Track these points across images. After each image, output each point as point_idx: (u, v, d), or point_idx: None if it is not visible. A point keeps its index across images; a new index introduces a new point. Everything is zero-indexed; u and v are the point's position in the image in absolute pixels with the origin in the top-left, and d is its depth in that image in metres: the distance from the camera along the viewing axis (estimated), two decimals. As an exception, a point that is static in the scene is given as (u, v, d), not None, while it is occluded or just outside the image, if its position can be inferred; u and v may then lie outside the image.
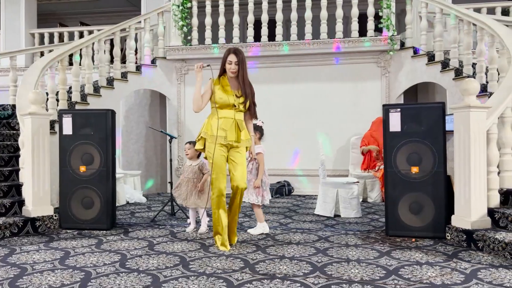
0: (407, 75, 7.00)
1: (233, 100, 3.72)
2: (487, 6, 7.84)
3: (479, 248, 3.58)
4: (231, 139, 3.70)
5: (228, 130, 3.70)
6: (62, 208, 4.59)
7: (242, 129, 3.77)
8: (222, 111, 3.73)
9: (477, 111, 3.73)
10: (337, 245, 3.84)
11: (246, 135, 3.80)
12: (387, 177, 4.18)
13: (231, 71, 3.74)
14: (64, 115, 4.58)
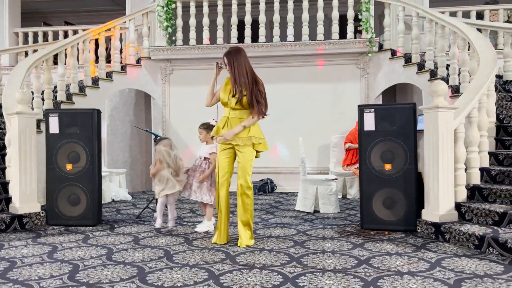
0: (385, 76, 7.26)
1: (227, 98, 3.85)
2: (462, 9, 8.16)
3: (446, 239, 3.82)
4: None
5: (222, 128, 3.86)
6: (49, 205, 4.71)
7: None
8: (224, 110, 3.94)
9: (445, 111, 3.97)
10: (314, 238, 4.05)
11: (245, 133, 3.80)
12: (362, 174, 4.41)
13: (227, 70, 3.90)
14: (50, 114, 4.70)
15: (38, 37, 9.59)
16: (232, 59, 3.83)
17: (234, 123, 3.83)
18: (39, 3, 12.10)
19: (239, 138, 3.82)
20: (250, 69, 3.85)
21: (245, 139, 3.82)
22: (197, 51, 7.62)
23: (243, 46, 7.41)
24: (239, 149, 3.84)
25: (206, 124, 4.51)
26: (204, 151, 4.50)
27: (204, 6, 7.69)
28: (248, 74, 3.82)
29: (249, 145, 3.83)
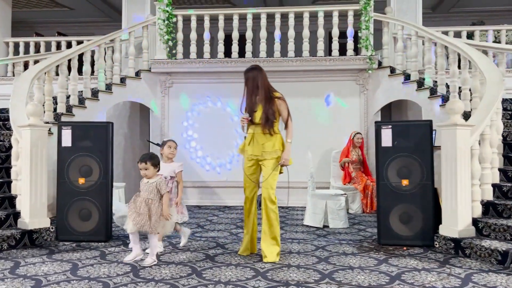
0: (384, 92, 7.41)
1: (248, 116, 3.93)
2: (454, 29, 8.43)
3: (466, 255, 3.89)
4: (251, 153, 3.91)
5: (249, 144, 3.94)
6: (59, 220, 4.57)
7: (263, 142, 3.86)
8: (250, 127, 3.98)
9: (463, 129, 4.08)
10: (336, 253, 4.06)
11: (270, 147, 3.85)
12: (379, 189, 4.46)
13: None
14: (63, 127, 4.60)
15: (30, 47, 9.38)
16: (247, 77, 3.97)
17: (260, 138, 3.88)
18: (30, 13, 11.91)
19: (265, 153, 3.87)
20: (265, 87, 3.91)
21: (271, 153, 3.87)
22: (198, 65, 7.61)
23: (245, 61, 7.49)
24: (264, 163, 3.89)
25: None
26: (168, 170, 4.17)
27: (205, 20, 7.71)
28: (262, 92, 3.89)
29: (274, 159, 3.86)
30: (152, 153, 3.91)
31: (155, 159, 3.78)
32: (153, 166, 3.75)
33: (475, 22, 10.58)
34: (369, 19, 7.33)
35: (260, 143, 3.88)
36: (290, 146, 3.92)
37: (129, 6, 8.85)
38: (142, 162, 3.75)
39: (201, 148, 7.75)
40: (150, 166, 3.73)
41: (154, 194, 3.73)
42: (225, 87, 7.73)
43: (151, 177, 3.76)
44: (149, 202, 3.70)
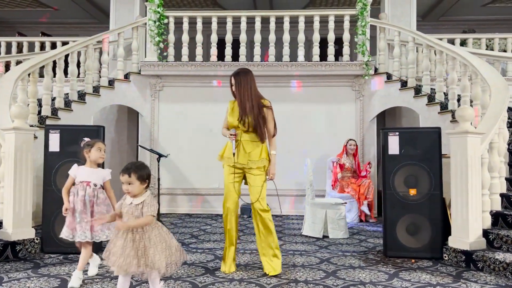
0: (380, 99, 7.28)
1: (236, 121, 3.68)
2: (447, 37, 8.37)
3: (478, 268, 3.73)
4: (237, 161, 3.64)
5: (235, 152, 3.65)
6: (44, 230, 4.26)
7: (250, 150, 3.65)
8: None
9: (474, 137, 3.93)
10: (342, 267, 3.85)
11: (256, 155, 3.65)
12: (386, 199, 4.28)
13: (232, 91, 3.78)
14: (51, 131, 4.29)
15: (12, 48, 8.99)
16: (239, 81, 3.70)
17: (247, 146, 3.67)
18: (12, 13, 11.47)
19: (251, 161, 3.65)
20: (255, 93, 3.73)
21: (257, 162, 3.66)
22: (190, 68, 7.35)
23: (238, 65, 7.26)
24: (251, 172, 3.67)
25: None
26: (96, 176, 3.38)
27: (198, 23, 7.48)
28: (253, 98, 3.69)
29: (261, 168, 3.67)
30: (140, 162, 2.80)
31: (142, 171, 2.68)
32: (139, 181, 2.64)
33: (466, 30, 10.59)
34: (365, 25, 7.20)
35: (246, 151, 3.65)
36: (275, 158, 3.77)
37: (118, 7, 8.59)
38: (125, 173, 2.65)
39: (192, 154, 7.47)
40: (135, 180, 2.63)
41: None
42: (218, 91, 7.50)
43: (136, 196, 2.68)
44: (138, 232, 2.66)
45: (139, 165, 2.71)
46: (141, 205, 2.66)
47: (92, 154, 3.40)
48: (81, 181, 3.35)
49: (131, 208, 2.67)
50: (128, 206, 2.68)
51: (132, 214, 2.66)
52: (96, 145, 3.42)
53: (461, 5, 10.73)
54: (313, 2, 10.88)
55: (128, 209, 2.68)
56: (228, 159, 3.69)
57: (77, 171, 3.38)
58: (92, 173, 3.39)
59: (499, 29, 10.66)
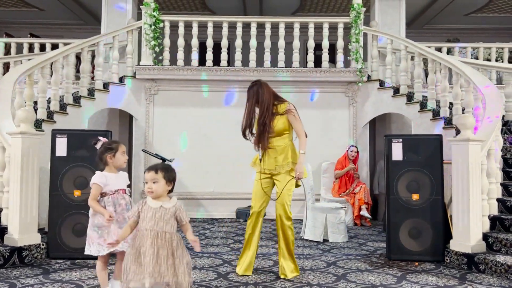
0: (373, 105, 7.45)
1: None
2: (435, 45, 8.62)
3: (480, 270, 3.89)
4: (264, 167, 3.74)
5: (262, 157, 3.77)
6: (50, 236, 4.22)
7: (274, 156, 3.70)
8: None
9: (474, 144, 4.10)
10: (350, 270, 3.95)
11: (282, 159, 3.69)
12: (390, 204, 4.41)
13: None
14: (58, 136, 4.27)
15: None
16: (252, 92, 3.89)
17: (271, 153, 3.74)
18: (0, 13, 11.24)
19: (279, 166, 3.70)
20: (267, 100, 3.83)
21: (284, 166, 3.70)
22: (186, 72, 7.37)
23: (235, 70, 7.34)
24: (277, 177, 3.73)
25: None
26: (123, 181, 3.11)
27: (193, 27, 7.50)
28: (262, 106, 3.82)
29: (287, 172, 3.70)
30: (167, 164, 2.71)
31: (170, 172, 2.58)
32: (165, 180, 2.52)
33: (451, 39, 10.92)
34: (359, 32, 7.37)
35: (272, 156, 3.72)
36: (303, 158, 3.74)
37: (109, 9, 8.52)
38: (151, 170, 2.53)
39: (187, 158, 7.48)
40: (161, 178, 2.51)
41: (172, 225, 2.55)
42: (213, 95, 7.54)
43: (160, 197, 2.54)
44: (167, 239, 2.50)
45: (166, 166, 2.63)
46: (173, 209, 2.54)
47: (117, 159, 3.07)
48: (116, 190, 3.01)
49: (160, 212, 2.51)
50: (154, 209, 2.51)
51: (161, 218, 2.51)
52: (120, 148, 3.11)
53: (445, 14, 11.06)
54: (302, 8, 11.05)
55: (155, 212, 2.51)
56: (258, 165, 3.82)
57: (106, 179, 3.00)
58: (120, 179, 3.08)
59: (481, 38, 11.03)
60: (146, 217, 2.52)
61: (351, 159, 6.98)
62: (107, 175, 3.02)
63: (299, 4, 10.74)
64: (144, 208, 2.55)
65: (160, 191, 2.52)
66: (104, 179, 2.99)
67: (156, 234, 2.50)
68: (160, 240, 2.51)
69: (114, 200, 2.98)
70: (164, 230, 2.51)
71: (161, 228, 2.50)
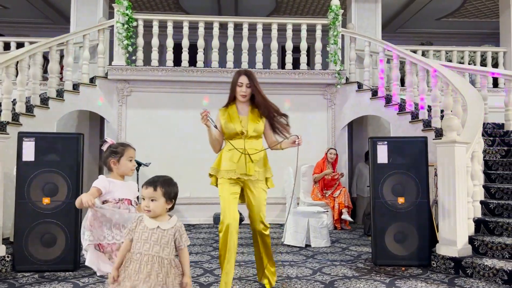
0: (352, 107, 7.39)
1: (240, 127, 3.29)
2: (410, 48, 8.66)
3: (468, 274, 3.82)
4: (241, 172, 3.21)
5: (237, 162, 3.23)
6: (16, 247, 3.90)
7: (256, 160, 3.25)
8: (232, 142, 3.30)
9: (460, 146, 4.04)
10: (337, 277, 3.82)
11: (260, 165, 3.29)
12: (375, 208, 4.31)
13: (241, 94, 3.33)
14: (24, 139, 3.96)
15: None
16: (254, 79, 3.38)
17: (254, 155, 3.26)
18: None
19: (257, 172, 3.26)
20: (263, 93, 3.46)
21: (261, 173, 3.29)
22: (161, 73, 7.12)
23: (211, 71, 7.15)
24: (252, 184, 3.26)
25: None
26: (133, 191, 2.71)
27: (168, 27, 7.26)
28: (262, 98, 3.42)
29: (263, 180, 3.32)
30: (168, 177, 2.29)
31: (171, 187, 2.23)
32: (164, 198, 2.19)
33: (424, 42, 11.05)
34: (337, 34, 7.31)
35: (253, 160, 3.24)
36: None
37: (79, 7, 8.15)
38: (149, 186, 2.20)
39: (161, 162, 7.21)
40: (160, 196, 2.18)
41: (170, 251, 2.21)
42: (189, 97, 7.31)
43: (158, 216, 2.22)
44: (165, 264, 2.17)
45: (167, 180, 2.24)
46: (172, 231, 2.19)
47: (122, 165, 2.63)
48: (120, 199, 2.58)
49: (157, 233, 2.17)
50: (150, 231, 2.17)
51: (157, 242, 2.16)
52: (126, 153, 2.66)
53: (418, 18, 11.19)
54: (278, 10, 10.95)
55: (151, 234, 2.17)
56: (228, 171, 3.24)
57: (109, 185, 2.57)
58: (126, 189, 2.64)
59: (452, 42, 11.21)
60: (140, 238, 2.18)
61: (331, 162, 6.89)
62: (112, 181, 2.59)
63: (275, 5, 10.64)
64: (139, 228, 2.20)
65: (158, 211, 2.19)
66: (107, 184, 2.56)
67: (151, 259, 2.15)
68: (155, 266, 2.14)
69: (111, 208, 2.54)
70: (161, 256, 2.16)
71: (157, 253, 2.16)
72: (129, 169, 2.67)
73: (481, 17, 11.15)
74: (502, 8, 8.83)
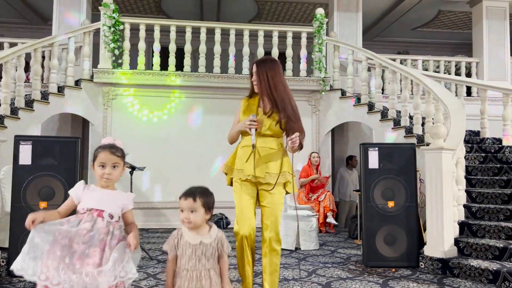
0: (335, 114, 7.59)
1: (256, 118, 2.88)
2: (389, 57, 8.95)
3: (455, 274, 4.03)
4: (251, 173, 2.85)
5: (247, 161, 2.89)
6: (12, 252, 3.85)
7: (269, 160, 2.88)
8: (245, 138, 2.97)
9: (447, 152, 4.26)
10: (332, 278, 3.95)
11: (276, 168, 2.88)
12: (366, 211, 4.47)
13: (254, 83, 3.01)
14: (21, 142, 3.92)
15: None
16: (264, 68, 2.97)
17: (264, 155, 2.87)
18: None
19: (269, 175, 2.87)
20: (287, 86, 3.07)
21: (276, 176, 2.87)
22: (147, 77, 7.12)
23: (199, 75, 7.20)
24: (267, 188, 2.88)
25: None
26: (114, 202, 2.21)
27: (155, 31, 7.28)
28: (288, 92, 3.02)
29: (281, 184, 2.92)
30: (205, 187, 2.25)
31: (209, 198, 2.20)
32: (204, 208, 2.16)
33: (401, 51, 11.43)
34: (322, 42, 7.50)
35: (264, 161, 2.87)
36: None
37: (61, 9, 8.05)
38: (188, 197, 2.15)
39: (147, 166, 7.18)
40: (200, 207, 2.14)
41: (214, 260, 2.19)
42: (175, 101, 7.33)
43: (199, 227, 2.18)
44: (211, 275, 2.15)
45: (204, 190, 2.20)
46: (214, 244, 2.16)
47: (95, 170, 2.23)
48: (88, 209, 2.16)
49: (201, 249, 2.13)
50: (193, 246, 2.12)
51: (203, 255, 2.13)
52: (98, 157, 2.21)
53: (394, 28, 11.57)
54: (259, 16, 11.10)
55: (195, 250, 2.12)
56: (239, 171, 2.92)
57: (83, 191, 2.20)
58: (106, 198, 2.20)
59: (427, 51, 11.65)
60: (184, 254, 2.13)
61: (315, 165, 7.05)
62: (93, 188, 2.22)
63: (257, 12, 10.79)
64: (181, 244, 2.15)
65: (199, 222, 2.14)
66: (79, 191, 2.20)
67: (199, 274, 2.12)
68: (204, 281, 2.12)
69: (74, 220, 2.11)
70: (207, 268, 2.14)
71: (203, 266, 2.13)
72: (99, 176, 2.21)
73: (453, 28, 11.63)
74: (475, 21, 9.26)
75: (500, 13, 9.09)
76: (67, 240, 2.03)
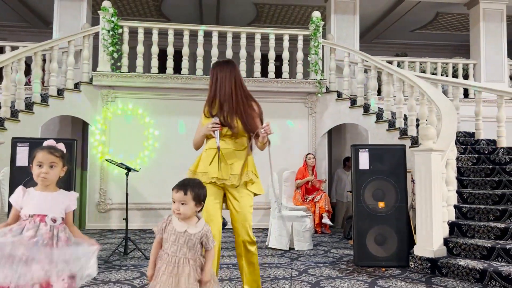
0: (331, 116, 7.67)
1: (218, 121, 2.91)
2: (386, 59, 9.02)
3: (443, 274, 4.10)
4: (215, 175, 2.87)
5: (210, 165, 2.90)
6: (9, 251, 3.96)
7: (231, 162, 2.89)
8: (209, 141, 2.98)
9: (436, 154, 4.33)
10: (322, 277, 4.02)
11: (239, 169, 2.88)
12: (356, 212, 4.55)
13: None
14: (19, 144, 4.03)
15: None
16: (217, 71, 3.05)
17: (228, 157, 2.90)
18: None
19: (233, 176, 2.87)
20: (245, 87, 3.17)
21: (241, 177, 2.88)
22: (146, 80, 7.23)
23: (196, 78, 7.29)
24: (234, 191, 2.89)
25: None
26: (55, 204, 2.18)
27: (153, 34, 7.39)
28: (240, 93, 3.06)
29: (246, 186, 2.93)
30: (198, 180, 2.39)
31: (200, 190, 2.29)
32: (194, 202, 2.25)
33: (399, 53, 11.49)
34: (318, 45, 7.58)
35: (228, 162, 2.89)
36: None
37: (62, 12, 8.17)
38: (180, 190, 2.25)
39: (145, 167, 7.30)
40: (190, 200, 2.24)
41: (196, 251, 2.27)
42: (173, 104, 7.43)
43: (189, 218, 2.28)
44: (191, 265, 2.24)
45: (197, 183, 2.32)
46: (199, 235, 2.25)
47: (33, 170, 2.20)
48: (30, 215, 2.09)
49: (184, 237, 2.23)
50: (178, 233, 2.23)
51: (185, 244, 2.23)
52: (36, 156, 2.21)
53: (393, 29, 11.63)
54: (259, 19, 11.20)
55: (179, 237, 2.23)
56: (203, 174, 2.89)
57: (23, 198, 2.15)
58: (47, 201, 2.15)
59: (425, 53, 11.70)
60: (168, 239, 2.25)
61: (311, 166, 7.13)
62: (32, 193, 2.16)
63: (256, 15, 10.88)
64: (168, 229, 2.28)
65: (188, 213, 2.25)
66: (18, 197, 2.15)
67: (178, 261, 2.22)
68: (181, 268, 2.21)
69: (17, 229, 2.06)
70: (188, 257, 2.23)
71: (183, 255, 2.23)
72: (36, 176, 2.18)
73: (452, 30, 11.69)
74: (473, 23, 9.31)
75: (497, 15, 9.14)
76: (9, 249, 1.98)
